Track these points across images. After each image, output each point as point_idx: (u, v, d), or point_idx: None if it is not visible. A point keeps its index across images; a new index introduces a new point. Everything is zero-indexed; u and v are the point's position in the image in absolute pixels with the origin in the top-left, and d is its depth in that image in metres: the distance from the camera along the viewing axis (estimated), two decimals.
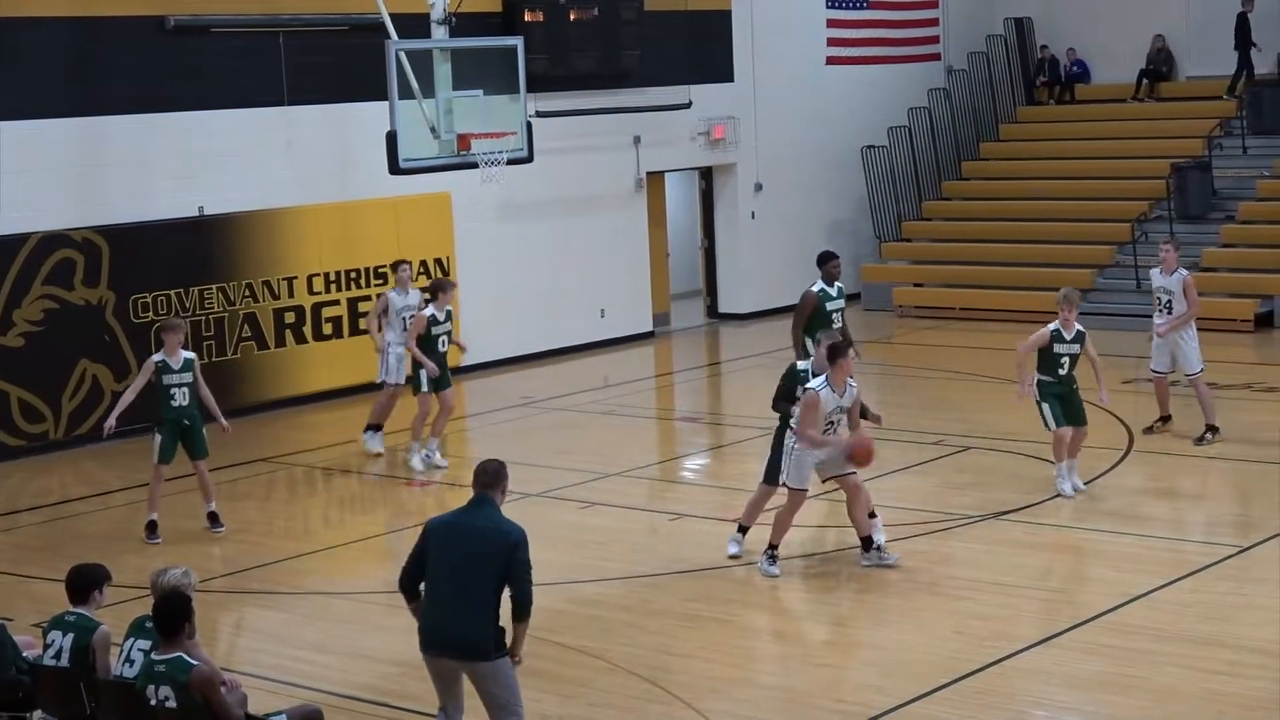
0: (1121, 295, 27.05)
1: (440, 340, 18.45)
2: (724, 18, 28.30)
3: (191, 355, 16.23)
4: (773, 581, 13.94)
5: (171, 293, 21.20)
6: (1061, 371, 16.20)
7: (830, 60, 30.48)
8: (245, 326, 21.92)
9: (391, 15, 19.56)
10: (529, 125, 20.04)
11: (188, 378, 15.97)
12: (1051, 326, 16.27)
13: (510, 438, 20.31)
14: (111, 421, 16.21)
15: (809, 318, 17.43)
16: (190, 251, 21.43)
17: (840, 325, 17.36)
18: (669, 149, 27.59)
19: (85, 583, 10.02)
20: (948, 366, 23.46)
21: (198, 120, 21.60)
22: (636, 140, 26.91)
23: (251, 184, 22.09)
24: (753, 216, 28.95)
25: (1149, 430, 18.65)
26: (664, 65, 26.73)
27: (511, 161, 19.87)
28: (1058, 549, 14.47)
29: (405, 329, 18.85)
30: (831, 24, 30.51)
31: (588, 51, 25.39)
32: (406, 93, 18.71)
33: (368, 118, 20.89)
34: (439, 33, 20.01)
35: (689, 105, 27.32)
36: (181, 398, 15.92)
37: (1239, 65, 29.79)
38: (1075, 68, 32.62)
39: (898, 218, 30.64)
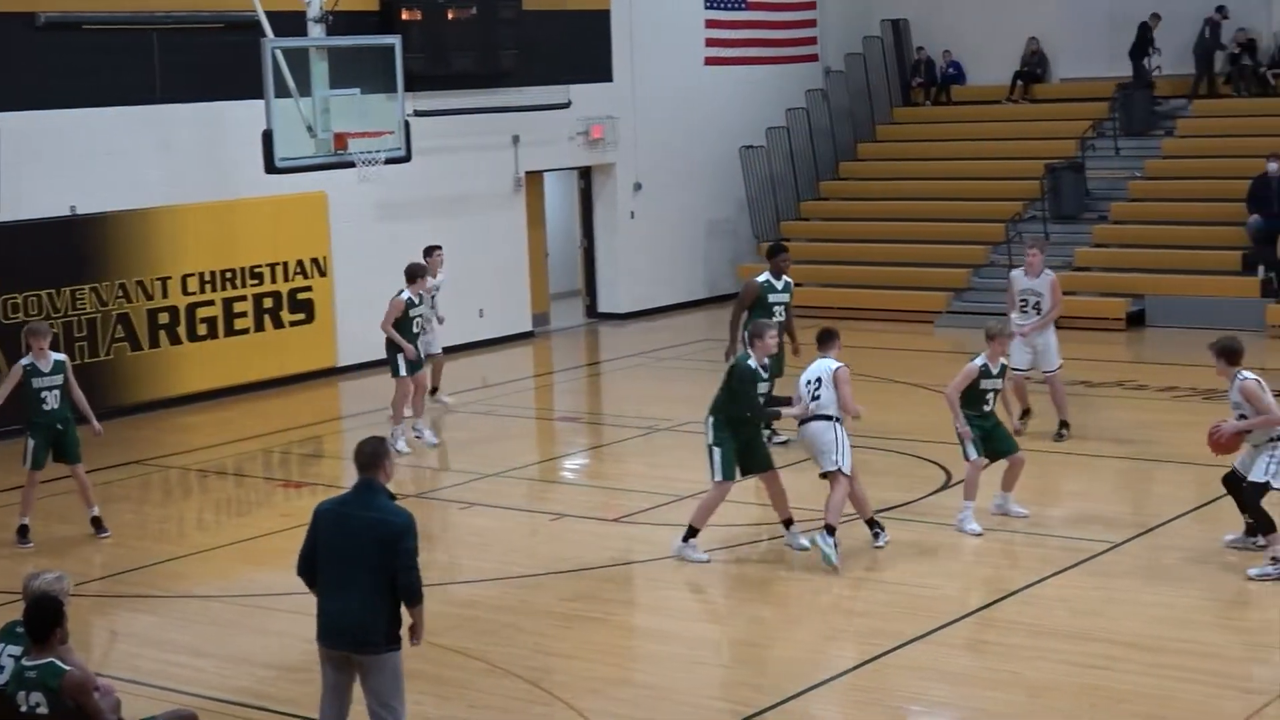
0: (997, 295, 27.28)
1: (415, 323, 18.99)
2: (603, 18, 28.33)
3: (62, 357, 15.96)
4: (650, 580, 13.96)
5: (43, 293, 20.90)
6: (986, 407, 15.05)
7: (709, 60, 30.60)
8: (118, 327, 21.66)
9: (267, 13, 19.43)
10: (407, 124, 19.98)
11: (58, 380, 15.71)
12: (979, 361, 14.95)
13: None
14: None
15: (749, 308, 17.83)
16: (62, 251, 21.13)
17: (783, 319, 17.85)
18: (548, 149, 27.58)
19: None
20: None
21: (69, 118, 21.31)
22: (515, 140, 26.88)
23: (125, 183, 21.83)
24: (632, 216, 29.02)
25: (1016, 433, 18.83)
26: (543, 65, 26.72)
27: (389, 161, 19.80)
28: (935, 547, 14.60)
29: (433, 305, 20.12)
30: (710, 24, 30.63)
31: (466, 51, 25.32)
32: (283, 91, 18.59)
33: (243, 116, 20.72)
34: (315, 31, 19.90)
35: (568, 105, 27.34)
36: (53, 401, 15.68)
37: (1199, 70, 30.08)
38: (951, 69, 32.97)
39: (776, 217, 30.83)
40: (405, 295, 18.85)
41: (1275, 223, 25.39)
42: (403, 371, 18.83)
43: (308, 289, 23.78)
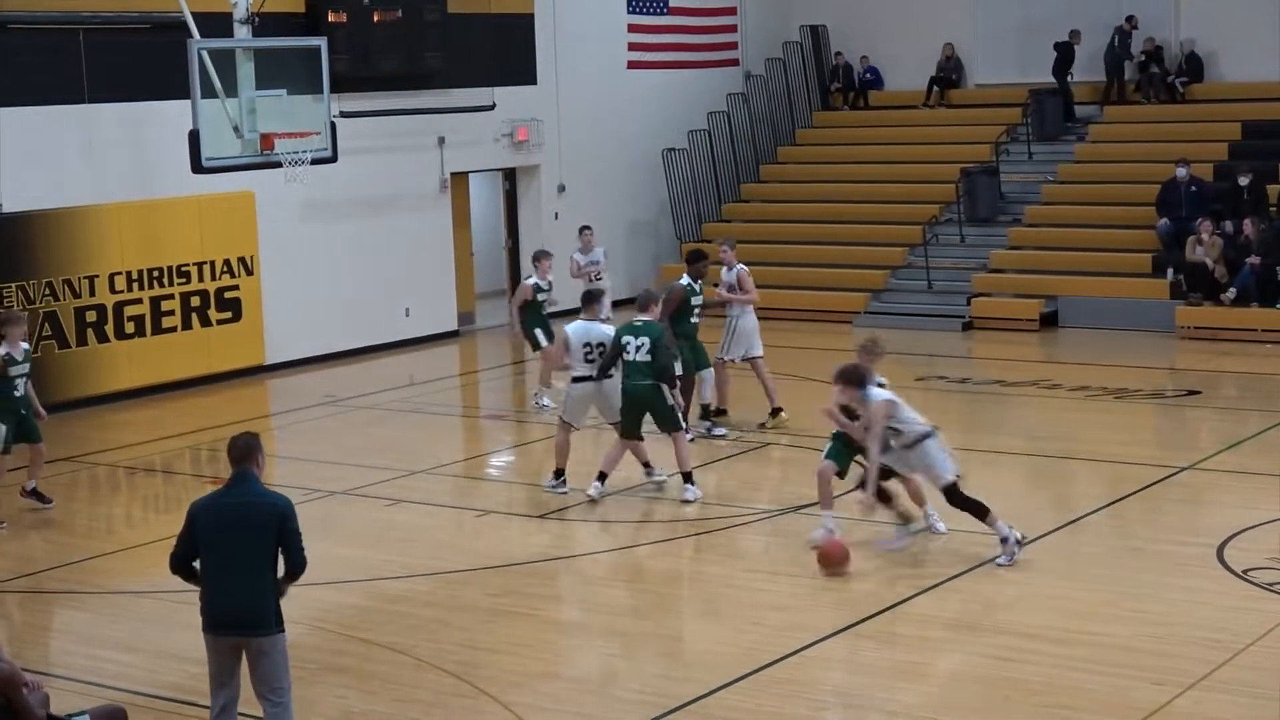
0: (913, 295, 27.59)
1: (544, 306, 20.99)
2: (527, 21, 28.31)
3: (28, 346, 16.42)
4: (574, 575, 13.96)
5: None
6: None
7: (631, 65, 30.64)
8: (46, 325, 21.45)
9: (194, 14, 19.28)
10: (333, 125, 19.88)
11: (27, 369, 16.16)
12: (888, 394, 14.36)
13: (315, 436, 20.15)
14: None
15: (675, 310, 18.48)
16: None
17: (697, 321, 18.87)
18: (473, 150, 27.54)
19: None
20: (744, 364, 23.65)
21: None
22: (441, 141, 26.83)
23: (51, 182, 21.64)
24: (556, 217, 29.00)
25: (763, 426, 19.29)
26: (468, 67, 26.68)
27: (315, 161, 19.70)
28: (852, 542, 14.67)
29: (592, 279, 22.39)
30: (632, 29, 30.67)
31: (391, 53, 25.23)
32: (209, 92, 18.46)
33: (170, 116, 20.57)
34: (242, 32, 19.78)
35: (493, 107, 27.30)
36: (23, 388, 16.12)
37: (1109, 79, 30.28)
38: (868, 74, 33.13)
39: (698, 219, 30.90)
40: (533, 280, 20.73)
41: (1184, 225, 25.69)
42: (543, 343, 20.63)
43: (235, 288, 23.63)
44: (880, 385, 14.22)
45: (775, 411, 19.45)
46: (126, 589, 14.33)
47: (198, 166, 18.67)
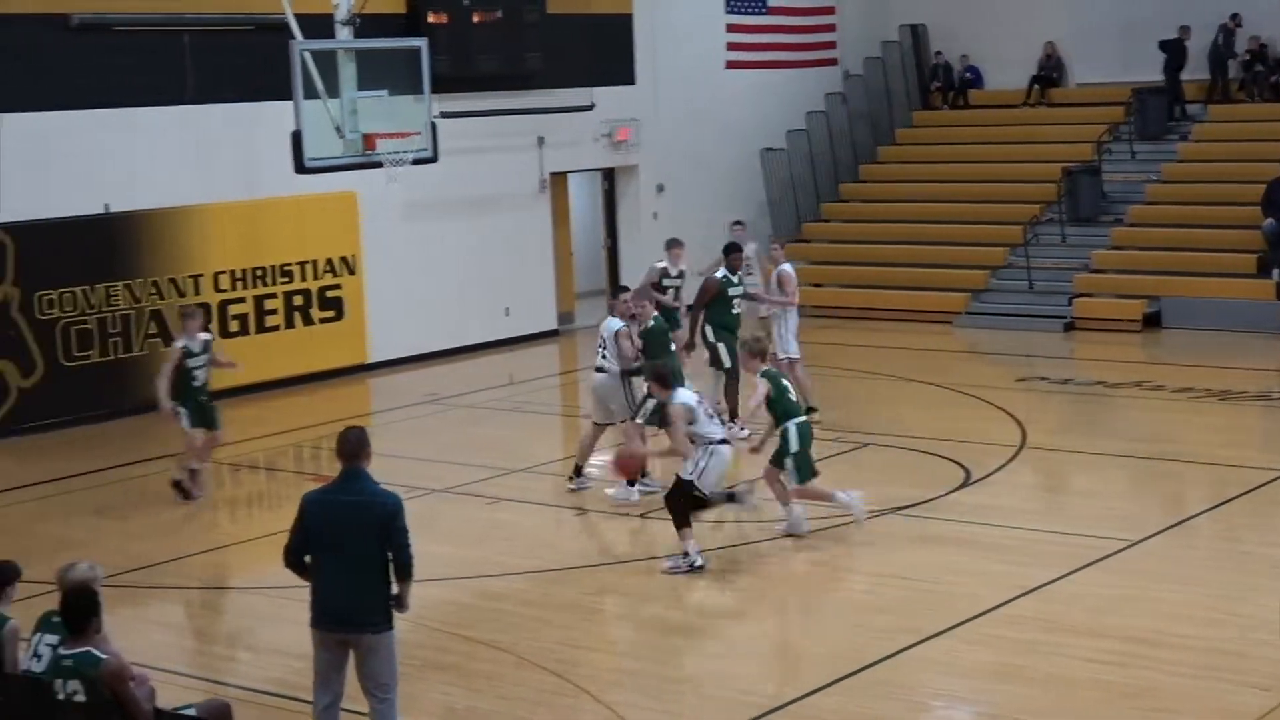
0: (1015, 295, 27.36)
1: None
2: (625, 21, 28.34)
3: (209, 336, 16.97)
4: (675, 575, 13.97)
5: (78, 289, 20.98)
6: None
7: (730, 64, 30.60)
8: (151, 323, 21.72)
9: (296, 16, 19.39)
10: (434, 126, 19.96)
11: (205, 359, 16.73)
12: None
13: (416, 434, 20.25)
14: (167, 406, 16.68)
15: (710, 301, 18.83)
16: (96, 249, 21.24)
17: (741, 310, 19.02)
18: (572, 150, 27.60)
19: None
20: (845, 364, 23.60)
21: (103, 118, 21.39)
22: (540, 141, 26.91)
23: (157, 182, 21.90)
24: (655, 217, 29.00)
25: None
26: (567, 68, 26.73)
27: (416, 161, 19.75)
28: (953, 543, 14.59)
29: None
30: (731, 29, 30.63)
31: (491, 53, 25.34)
32: (312, 93, 18.58)
33: (273, 117, 20.66)
34: (343, 34, 19.87)
35: (591, 107, 27.35)
36: (201, 377, 16.68)
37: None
38: (968, 74, 32.92)
39: (797, 219, 30.82)
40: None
41: None
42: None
43: (338, 287, 23.83)
44: (766, 375, 14.86)
45: (809, 410, 19.27)
46: (232, 584, 14.49)
47: (300, 167, 18.77)
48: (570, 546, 15.18)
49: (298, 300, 23.41)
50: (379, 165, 19.44)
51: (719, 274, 19.28)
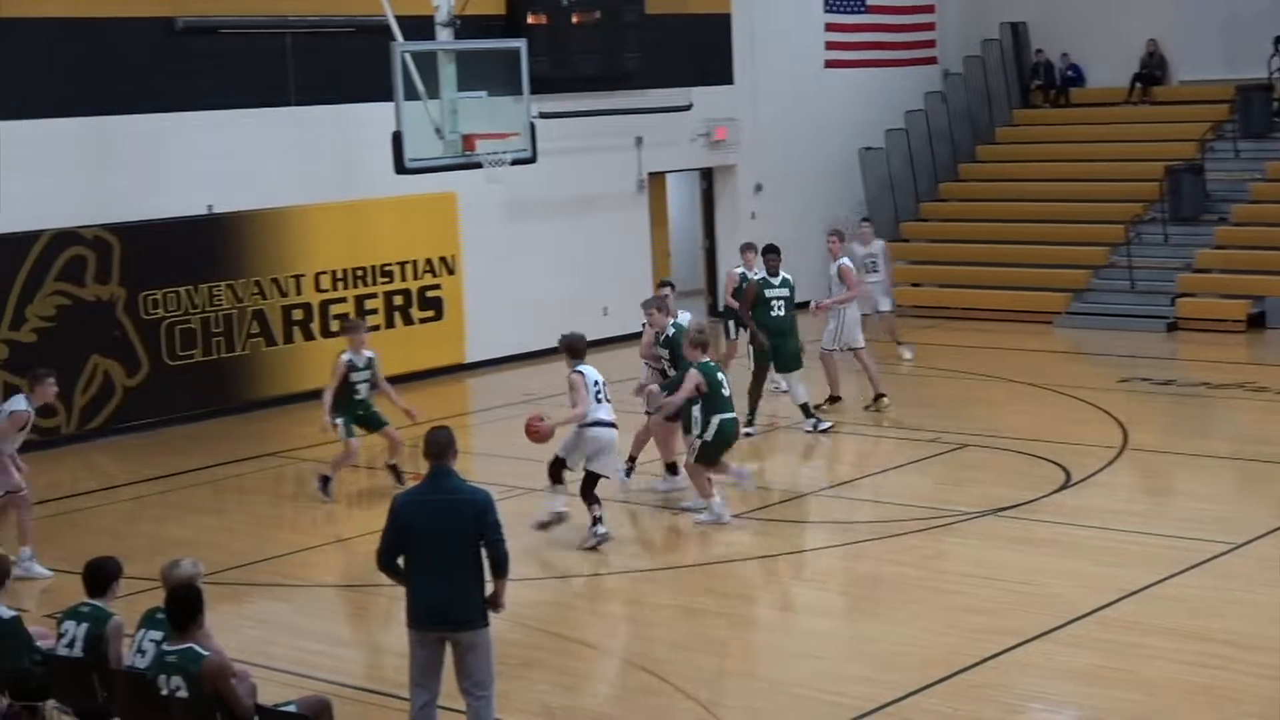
0: (1116, 295, 27.10)
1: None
2: (724, 21, 28.34)
3: (373, 354, 17.21)
4: (770, 575, 13.94)
5: (181, 289, 21.24)
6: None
7: (829, 63, 30.52)
8: (254, 323, 21.97)
9: (397, 17, 19.57)
10: (533, 126, 20.07)
11: (368, 375, 17.08)
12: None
13: (513, 434, 20.23)
14: (327, 420, 17.04)
15: (753, 304, 19.40)
16: (199, 249, 21.49)
17: (782, 313, 19.19)
18: (670, 150, 27.63)
19: (105, 575, 10.06)
20: (945, 365, 23.49)
21: (206, 120, 21.65)
22: (638, 141, 26.96)
23: (259, 183, 22.13)
24: (753, 217, 28.96)
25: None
26: (665, 68, 26.77)
27: (515, 162, 19.89)
28: (1051, 545, 14.48)
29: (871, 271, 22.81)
30: (830, 28, 30.56)
31: (590, 54, 25.41)
32: (412, 94, 18.73)
33: (373, 118, 20.85)
34: (444, 35, 20.01)
35: (690, 107, 27.36)
36: (364, 392, 17.11)
37: None
38: (1070, 71, 32.63)
39: (895, 219, 30.68)
40: (740, 270, 20.43)
41: None
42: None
43: (437, 287, 23.98)
44: (703, 367, 15.33)
45: (878, 397, 20.19)
46: (331, 582, 14.61)
47: (401, 167, 18.93)
48: (667, 545, 15.18)
49: (398, 300, 23.58)
50: (478, 166, 19.58)
51: (756, 275, 19.60)
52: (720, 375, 15.57)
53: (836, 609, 13.57)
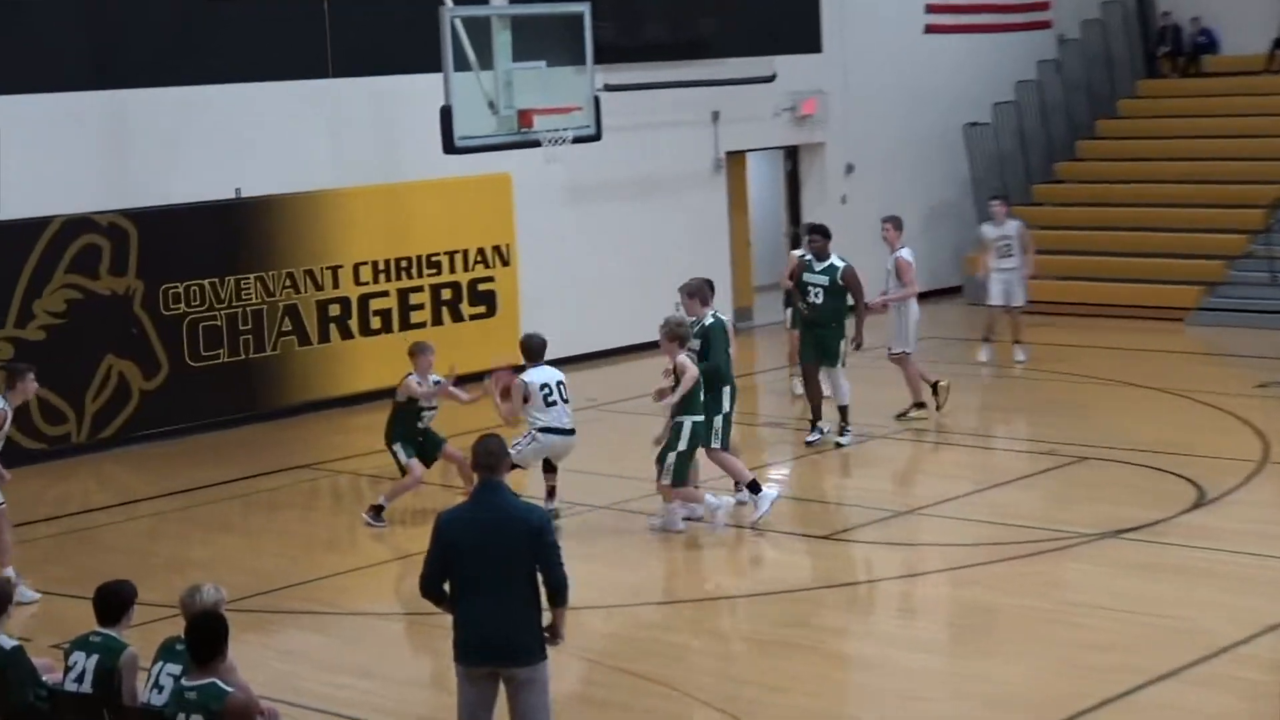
0: (1255, 289, 26.87)
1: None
2: None
3: (440, 379, 17.08)
4: (863, 605, 13.82)
5: (205, 282, 21.30)
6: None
7: (929, 29, 30.39)
8: (286, 320, 21.99)
9: None
10: (597, 100, 20.06)
11: (435, 411, 17.06)
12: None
13: (576, 446, 20.24)
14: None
15: (796, 281, 19.74)
16: (226, 237, 21.54)
17: (819, 300, 19.35)
18: (750, 126, 27.56)
19: (118, 602, 10.03)
20: (1060, 368, 23.33)
21: (235, 94, 21.71)
22: (715, 116, 26.91)
23: (293, 164, 22.17)
24: (843, 201, 28.88)
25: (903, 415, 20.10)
26: (745, 35, 26.70)
27: (577, 140, 19.89)
28: (1182, 571, 14.36)
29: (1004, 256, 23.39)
30: None
31: (661, 20, 25.40)
32: (463, 64, 18.74)
33: (419, 92, 20.88)
34: None
35: (773, 78, 27.28)
36: (428, 419, 17.05)
37: None
38: (1201, 37, 32.45)
39: (1006, 202, 30.49)
40: (803, 253, 20.22)
41: None
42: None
43: (490, 279, 23.97)
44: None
45: (919, 405, 20.32)
46: (368, 610, 14.59)
47: (450, 146, 18.95)
48: (747, 571, 15.11)
49: (446, 294, 23.58)
50: (536, 144, 19.60)
51: (798, 253, 19.93)
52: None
53: (941, 644, 13.47)
